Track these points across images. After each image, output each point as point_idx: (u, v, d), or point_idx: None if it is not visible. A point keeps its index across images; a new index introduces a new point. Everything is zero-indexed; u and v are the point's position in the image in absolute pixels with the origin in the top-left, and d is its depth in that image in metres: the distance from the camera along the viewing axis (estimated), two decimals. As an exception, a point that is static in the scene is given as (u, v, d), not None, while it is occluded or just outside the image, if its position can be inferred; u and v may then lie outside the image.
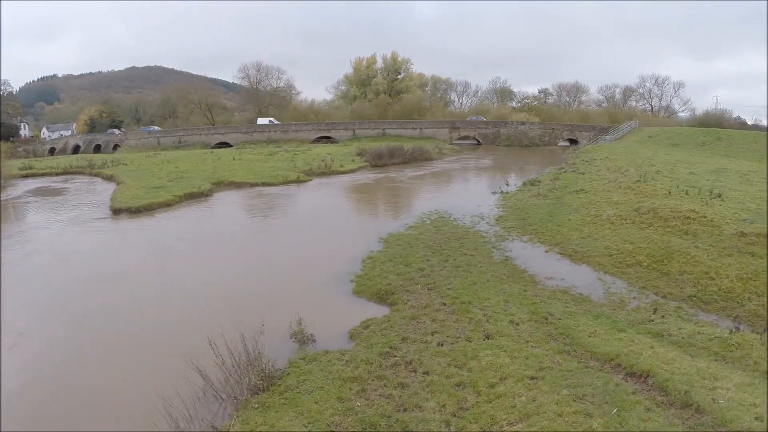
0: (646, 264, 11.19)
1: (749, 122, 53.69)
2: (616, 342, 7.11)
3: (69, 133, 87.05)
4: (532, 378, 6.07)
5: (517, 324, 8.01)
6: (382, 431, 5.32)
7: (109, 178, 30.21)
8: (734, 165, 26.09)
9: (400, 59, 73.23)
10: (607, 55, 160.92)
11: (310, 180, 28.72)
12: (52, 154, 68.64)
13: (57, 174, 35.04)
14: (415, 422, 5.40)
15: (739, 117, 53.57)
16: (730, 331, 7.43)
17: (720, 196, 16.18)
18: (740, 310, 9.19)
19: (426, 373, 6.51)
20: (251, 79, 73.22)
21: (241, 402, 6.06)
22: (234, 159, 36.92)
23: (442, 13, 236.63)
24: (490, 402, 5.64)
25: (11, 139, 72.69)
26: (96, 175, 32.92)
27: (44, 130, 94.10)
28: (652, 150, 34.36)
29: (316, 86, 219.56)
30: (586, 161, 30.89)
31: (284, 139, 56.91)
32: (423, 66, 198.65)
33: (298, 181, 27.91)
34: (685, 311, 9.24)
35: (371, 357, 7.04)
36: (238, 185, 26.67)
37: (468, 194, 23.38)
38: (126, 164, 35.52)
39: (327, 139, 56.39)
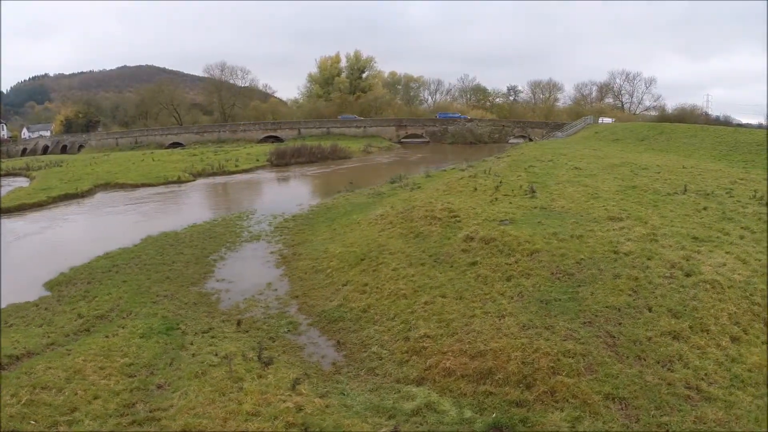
0: (330, 270, 9.59)
1: (721, 117, 50.61)
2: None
3: (48, 133, 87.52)
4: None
5: (83, 318, 8.09)
6: None
7: (33, 179, 30.30)
8: (650, 159, 23.47)
9: (364, 58, 71.26)
10: (602, 55, 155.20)
11: (194, 180, 27.93)
12: (23, 155, 69.03)
13: (-1, 176, 35.41)
14: None
15: (705, 113, 50.70)
16: (218, 362, 5.72)
17: (534, 192, 14.26)
18: (342, 336, 7.35)
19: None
20: (216, 79, 72.40)
21: None
22: (153, 160, 36.46)
23: (438, 13, 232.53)
24: None
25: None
26: (27, 177, 33.11)
27: (24, 130, 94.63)
28: (584, 145, 32.10)
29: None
30: (499, 158, 28.84)
31: (233, 138, 55.85)
32: (416, 66, 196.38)
33: (179, 182, 27.35)
34: (288, 334, 7.52)
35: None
36: (121, 185, 26.44)
37: (314, 193, 21.86)
38: (61, 166, 35.30)
39: (274, 138, 55.05)
